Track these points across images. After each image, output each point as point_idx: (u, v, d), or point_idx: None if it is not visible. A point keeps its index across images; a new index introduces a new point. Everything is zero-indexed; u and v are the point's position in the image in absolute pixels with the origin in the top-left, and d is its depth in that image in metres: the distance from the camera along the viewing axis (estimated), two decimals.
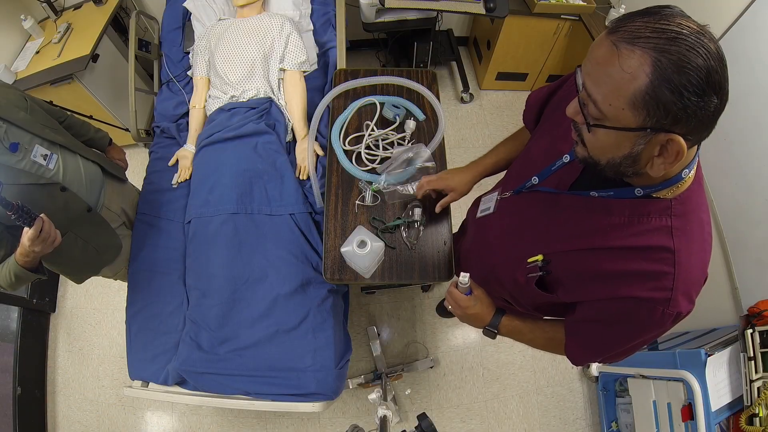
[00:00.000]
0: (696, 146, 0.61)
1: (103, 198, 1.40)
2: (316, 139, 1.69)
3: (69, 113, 1.44)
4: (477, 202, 1.17)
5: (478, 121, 2.84)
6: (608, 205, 0.71)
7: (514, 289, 0.94)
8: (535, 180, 0.86)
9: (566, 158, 0.79)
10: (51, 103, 1.98)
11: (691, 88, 0.50)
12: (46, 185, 1.19)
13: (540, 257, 0.82)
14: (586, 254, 0.74)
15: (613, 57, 0.53)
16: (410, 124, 1.44)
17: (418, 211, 1.28)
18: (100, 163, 1.41)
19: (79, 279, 1.46)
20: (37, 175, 1.17)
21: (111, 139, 1.59)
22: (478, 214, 1.08)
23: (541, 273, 0.82)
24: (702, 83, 0.50)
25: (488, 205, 1.04)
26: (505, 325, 0.95)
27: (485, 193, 1.11)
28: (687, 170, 0.63)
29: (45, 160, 1.19)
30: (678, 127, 0.53)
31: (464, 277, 0.91)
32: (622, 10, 2.24)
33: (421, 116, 1.49)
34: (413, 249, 1.28)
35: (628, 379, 1.80)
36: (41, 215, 1.07)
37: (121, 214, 1.57)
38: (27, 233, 1.05)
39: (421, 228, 1.29)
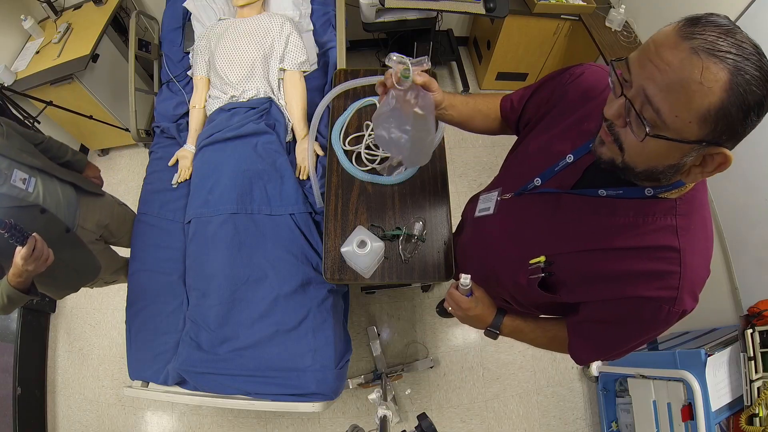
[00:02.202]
0: None
1: (78, 218, 1.40)
2: (316, 139, 1.69)
3: (48, 136, 1.43)
4: (473, 200, 1.16)
5: None
6: (612, 205, 0.71)
7: (515, 290, 0.94)
8: (537, 181, 0.84)
9: (570, 158, 0.78)
10: (51, 102, 2.00)
11: (756, 109, 0.50)
12: (26, 207, 1.20)
13: (542, 258, 0.81)
14: (589, 255, 0.74)
15: (693, 66, 0.49)
16: None
17: (419, 226, 1.28)
18: (77, 182, 1.42)
19: (59, 295, 1.48)
20: (18, 199, 1.18)
21: (88, 162, 1.58)
22: (477, 214, 1.07)
23: (543, 274, 0.82)
24: (763, 105, 0.50)
25: (488, 205, 1.02)
26: (507, 325, 0.94)
27: (483, 192, 1.10)
28: None
29: (24, 184, 1.20)
30: (731, 143, 0.53)
31: (465, 279, 0.90)
32: (622, 10, 2.24)
33: None
34: (407, 262, 1.28)
35: (628, 379, 1.80)
36: (33, 234, 1.06)
37: (97, 229, 1.54)
38: (20, 252, 1.05)
39: (419, 243, 1.28)
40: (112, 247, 1.72)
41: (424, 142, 1.00)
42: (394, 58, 0.84)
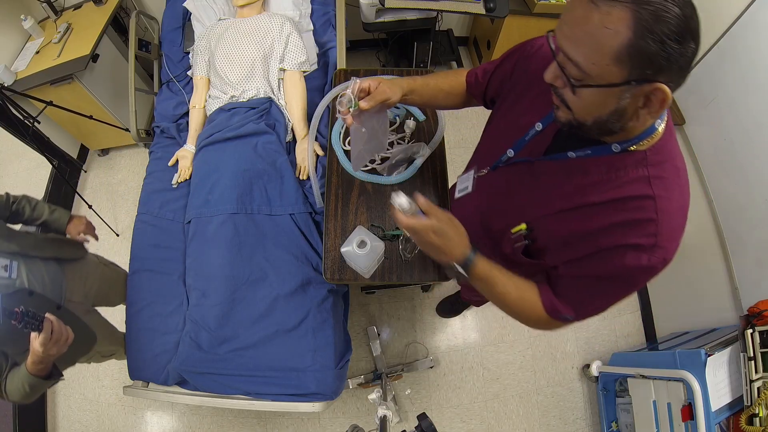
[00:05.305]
0: None
1: (65, 292, 1.32)
2: (316, 139, 1.69)
3: (21, 195, 1.33)
4: (454, 186, 1.18)
5: (478, 121, 2.84)
6: (585, 165, 0.72)
7: (501, 262, 0.92)
8: (510, 153, 0.87)
9: (539, 126, 0.80)
10: (51, 102, 1.99)
11: (672, 36, 0.51)
12: (14, 293, 1.15)
13: (523, 226, 0.82)
14: (567, 215, 0.75)
15: (592, 15, 0.54)
16: (410, 124, 1.44)
17: None
18: (57, 255, 1.34)
19: None
20: (4, 287, 1.13)
21: (71, 216, 1.43)
22: (457, 195, 1.08)
23: (526, 242, 0.83)
24: (682, 30, 0.52)
25: (466, 185, 1.04)
26: (480, 267, 0.81)
27: (461, 174, 1.11)
28: (659, 121, 0.66)
29: (6, 271, 1.15)
30: (661, 75, 0.55)
31: (399, 197, 0.76)
32: None
33: (421, 117, 1.49)
34: (407, 262, 1.28)
35: (628, 379, 1.80)
36: (47, 315, 1.01)
37: (86, 300, 1.46)
38: (37, 338, 0.99)
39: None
40: (108, 319, 1.63)
41: (386, 125, 1.12)
42: (344, 101, 0.92)
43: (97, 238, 1.49)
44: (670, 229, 0.67)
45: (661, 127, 0.66)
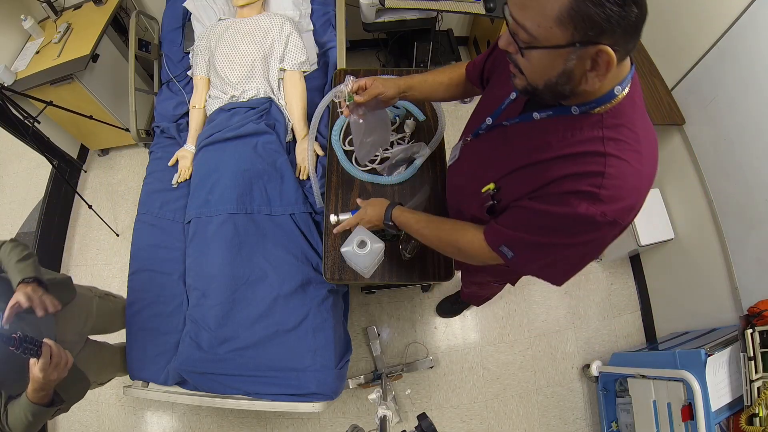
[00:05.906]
0: (630, 65, 0.67)
1: (56, 335, 1.21)
2: (316, 139, 1.69)
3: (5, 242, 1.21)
4: None
5: None
6: (547, 125, 0.76)
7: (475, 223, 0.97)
8: (489, 120, 0.92)
9: (513, 95, 0.86)
10: (51, 102, 1.99)
11: None
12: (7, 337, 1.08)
13: (492, 185, 0.87)
14: (526, 170, 0.79)
15: None
16: (410, 124, 1.44)
17: None
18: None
19: (50, 417, 1.26)
20: None
21: (29, 279, 1.15)
22: (448, 163, 1.15)
23: (492, 202, 0.87)
24: None
25: (454, 153, 1.10)
26: (396, 217, 1.07)
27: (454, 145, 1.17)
28: (620, 87, 0.67)
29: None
30: (604, 38, 0.57)
31: (333, 218, 1.17)
32: None
33: (421, 116, 1.49)
34: (407, 262, 1.28)
35: (628, 379, 1.80)
36: (45, 340, 0.99)
37: (79, 338, 1.39)
38: (36, 365, 0.97)
39: (419, 243, 1.28)
40: (108, 341, 1.59)
41: (386, 121, 1.23)
42: (338, 93, 1.06)
43: (39, 313, 1.13)
44: (618, 187, 0.67)
45: (621, 93, 0.67)
